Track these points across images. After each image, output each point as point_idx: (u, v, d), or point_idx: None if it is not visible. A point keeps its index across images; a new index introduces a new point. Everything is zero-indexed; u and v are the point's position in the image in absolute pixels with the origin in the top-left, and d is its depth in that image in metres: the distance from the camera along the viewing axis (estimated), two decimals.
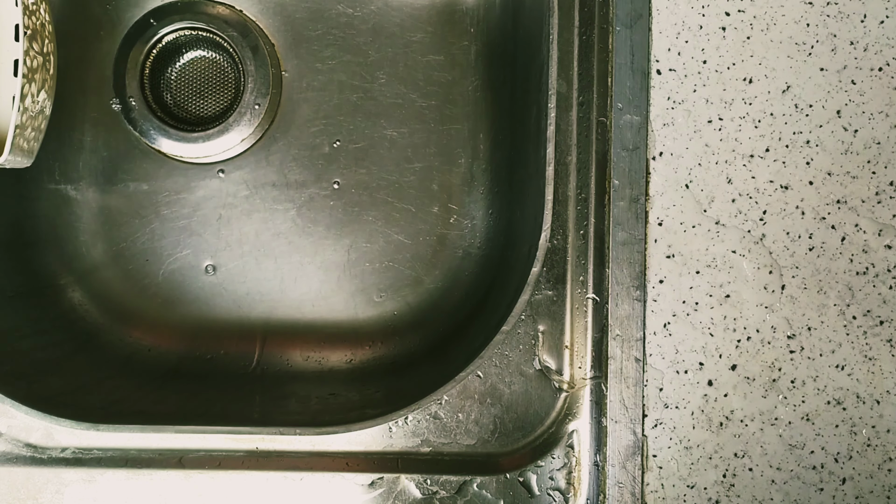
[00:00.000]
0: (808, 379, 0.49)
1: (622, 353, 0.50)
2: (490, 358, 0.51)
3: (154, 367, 0.63)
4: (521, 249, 0.57)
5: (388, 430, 0.51)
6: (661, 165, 0.50)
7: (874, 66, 0.50)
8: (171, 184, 0.67)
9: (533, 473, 0.50)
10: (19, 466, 0.51)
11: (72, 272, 0.65)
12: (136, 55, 0.65)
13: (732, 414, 0.49)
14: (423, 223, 0.66)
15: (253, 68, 0.65)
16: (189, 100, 0.67)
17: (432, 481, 0.50)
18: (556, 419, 0.51)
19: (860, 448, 0.49)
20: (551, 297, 0.52)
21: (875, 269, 0.49)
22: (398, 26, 0.67)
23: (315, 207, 0.66)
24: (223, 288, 0.66)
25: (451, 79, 0.67)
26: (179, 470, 0.51)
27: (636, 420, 0.49)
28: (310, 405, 0.59)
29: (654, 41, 0.51)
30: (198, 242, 0.66)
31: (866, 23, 0.50)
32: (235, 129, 0.65)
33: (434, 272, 0.66)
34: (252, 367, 0.64)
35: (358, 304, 0.66)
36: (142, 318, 0.66)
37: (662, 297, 0.50)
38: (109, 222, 0.66)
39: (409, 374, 0.62)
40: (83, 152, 0.66)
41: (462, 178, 0.66)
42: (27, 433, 0.52)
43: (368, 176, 0.66)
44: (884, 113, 0.49)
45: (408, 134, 0.67)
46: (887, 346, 0.49)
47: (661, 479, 0.49)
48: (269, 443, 0.52)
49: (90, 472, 0.51)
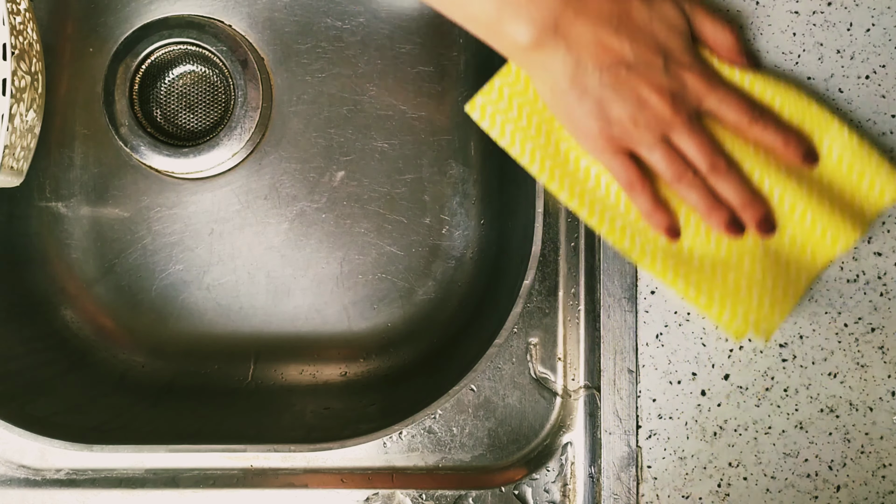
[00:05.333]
0: (801, 387, 0.49)
1: (615, 365, 0.50)
2: (483, 371, 0.51)
3: (148, 385, 0.63)
4: (513, 260, 0.57)
5: (383, 445, 0.51)
6: None
7: (861, 74, 0.50)
8: (163, 199, 0.66)
9: (528, 486, 0.50)
10: (13, 488, 0.51)
11: (63, 290, 0.65)
12: (126, 71, 0.65)
13: (726, 423, 0.49)
14: (416, 234, 0.66)
15: (243, 82, 0.65)
16: (179, 115, 0.67)
17: (428, 496, 0.50)
18: (551, 431, 0.51)
19: (854, 455, 0.49)
20: (543, 310, 0.52)
21: (865, 276, 0.49)
22: (387, 38, 0.67)
23: (307, 220, 0.66)
24: (216, 302, 0.66)
25: (440, 90, 0.67)
26: (174, 490, 0.51)
27: (630, 431, 0.49)
28: (304, 419, 0.59)
29: None
30: (190, 257, 0.66)
31: (853, 31, 0.50)
32: (226, 144, 0.65)
33: (427, 283, 0.66)
34: (246, 382, 0.64)
35: (351, 316, 0.66)
36: (135, 334, 0.66)
37: (654, 307, 0.50)
38: (101, 239, 0.66)
39: (404, 387, 0.62)
40: (73, 169, 0.66)
41: (453, 189, 0.67)
42: (21, 455, 0.52)
43: (360, 188, 0.66)
44: (871, 121, 0.50)
45: (398, 145, 0.67)
46: (879, 352, 0.49)
47: (656, 489, 0.49)
48: (264, 460, 0.51)
49: (84, 493, 0.51)
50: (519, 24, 0.43)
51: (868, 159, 0.47)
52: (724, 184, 0.46)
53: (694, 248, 0.48)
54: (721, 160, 0.46)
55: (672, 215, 0.47)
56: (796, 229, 0.47)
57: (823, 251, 0.47)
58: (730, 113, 0.46)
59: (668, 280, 0.47)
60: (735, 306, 0.47)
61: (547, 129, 0.48)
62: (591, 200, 0.48)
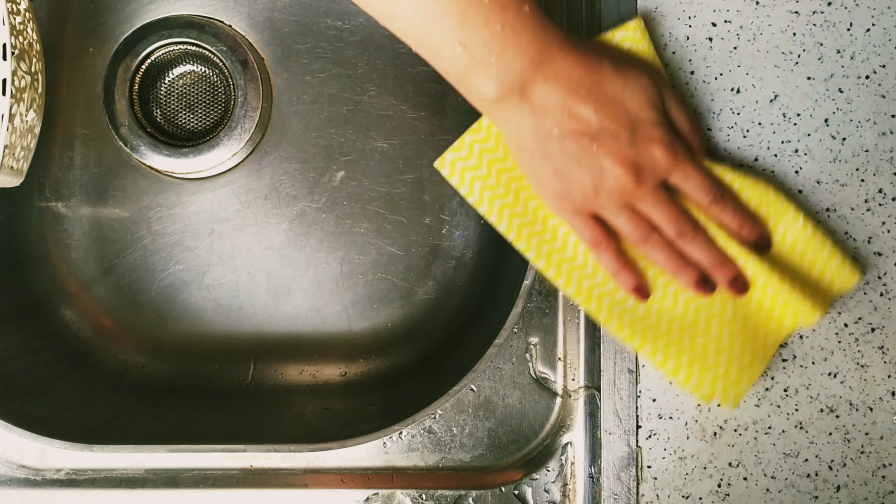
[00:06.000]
0: (801, 387, 0.49)
1: (615, 365, 0.50)
2: (483, 371, 0.51)
3: (148, 385, 0.63)
4: (513, 260, 0.57)
5: (383, 445, 0.51)
6: None
7: (861, 74, 0.50)
8: (163, 199, 0.66)
9: (528, 486, 0.50)
10: (13, 488, 0.51)
11: (63, 290, 0.65)
12: (126, 71, 0.65)
13: (726, 423, 0.49)
14: (416, 234, 0.66)
15: (243, 82, 0.65)
16: (179, 115, 0.67)
17: (428, 496, 0.50)
18: (551, 431, 0.51)
19: (854, 455, 0.49)
20: (543, 310, 0.52)
21: (865, 276, 0.49)
22: (387, 38, 0.67)
23: (307, 220, 0.66)
24: (216, 302, 0.66)
25: (440, 89, 0.67)
26: (174, 490, 0.51)
27: (630, 431, 0.49)
28: (304, 419, 0.59)
29: None
30: (190, 257, 0.66)
31: (853, 31, 0.50)
32: (226, 144, 0.65)
33: (427, 283, 0.66)
34: (246, 382, 0.64)
35: (351, 316, 0.66)
36: (135, 334, 0.66)
37: None
38: (101, 239, 0.66)
39: (404, 387, 0.62)
40: (73, 169, 0.66)
41: (453, 189, 0.66)
42: (21, 455, 0.52)
43: (360, 188, 0.66)
44: (871, 121, 0.50)
45: (399, 145, 0.67)
46: (879, 352, 0.49)
47: (656, 489, 0.49)
48: (264, 460, 0.51)
49: (84, 493, 0.51)
50: (487, 81, 0.42)
51: (821, 249, 0.47)
52: (693, 247, 0.46)
53: (662, 312, 0.47)
54: (688, 226, 0.46)
55: (640, 275, 0.47)
56: (762, 296, 0.47)
57: (788, 320, 0.47)
58: (693, 190, 0.46)
59: (635, 344, 0.47)
60: (703, 372, 0.46)
61: (516, 187, 0.48)
62: (559, 260, 0.48)
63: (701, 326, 0.47)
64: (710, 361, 0.46)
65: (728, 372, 0.46)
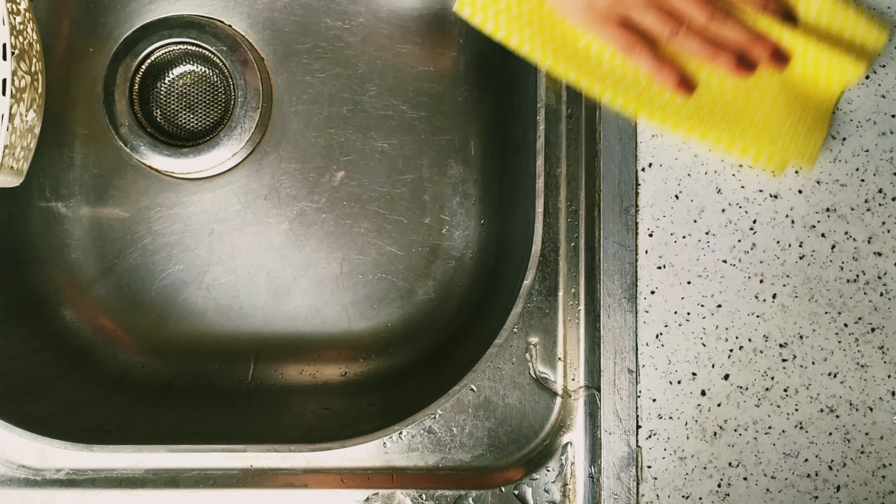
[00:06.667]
0: (801, 387, 0.49)
1: (615, 365, 0.50)
2: (483, 371, 0.51)
3: (148, 385, 0.63)
4: (513, 260, 0.57)
5: (383, 445, 0.51)
6: (651, 176, 0.50)
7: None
8: (163, 199, 0.66)
9: (528, 486, 0.50)
10: (13, 488, 0.51)
11: (63, 290, 0.65)
12: (126, 71, 0.65)
13: (726, 423, 0.49)
14: (416, 234, 0.66)
15: (243, 82, 0.65)
16: (179, 115, 0.67)
17: (428, 496, 0.50)
18: (551, 431, 0.51)
19: (854, 455, 0.49)
20: (543, 310, 0.52)
21: (865, 276, 0.49)
22: (387, 38, 0.67)
23: (307, 220, 0.66)
24: (216, 302, 0.66)
25: (440, 90, 0.67)
26: (174, 490, 0.51)
27: (630, 431, 0.49)
28: (304, 419, 0.59)
29: None
30: (190, 257, 0.66)
31: None
32: (226, 144, 0.65)
33: (427, 283, 0.66)
34: (246, 382, 0.64)
35: (351, 316, 0.66)
36: (135, 334, 0.66)
37: (654, 307, 0.50)
38: (101, 239, 0.66)
39: (404, 387, 0.62)
40: (73, 169, 0.66)
41: (453, 189, 0.67)
42: (21, 455, 0.52)
43: (360, 188, 0.66)
44: (871, 121, 0.50)
45: (398, 145, 0.67)
46: (879, 352, 0.49)
47: (656, 489, 0.49)
48: (264, 460, 0.51)
49: (84, 493, 0.51)
50: None
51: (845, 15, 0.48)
52: (726, 27, 0.47)
53: (714, 101, 0.48)
54: (718, 8, 0.46)
55: (681, 69, 0.48)
56: (803, 64, 0.47)
57: (835, 80, 0.48)
58: None
59: (693, 130, 0.47)
60: (773, 143, 0.47)
61: (539, 15, 0.49)
62: (601, 75, 0.48)
63: (755, 104, 0.47)
64: (776, 132, 0.47)
65: (796, 136, 0.47)
